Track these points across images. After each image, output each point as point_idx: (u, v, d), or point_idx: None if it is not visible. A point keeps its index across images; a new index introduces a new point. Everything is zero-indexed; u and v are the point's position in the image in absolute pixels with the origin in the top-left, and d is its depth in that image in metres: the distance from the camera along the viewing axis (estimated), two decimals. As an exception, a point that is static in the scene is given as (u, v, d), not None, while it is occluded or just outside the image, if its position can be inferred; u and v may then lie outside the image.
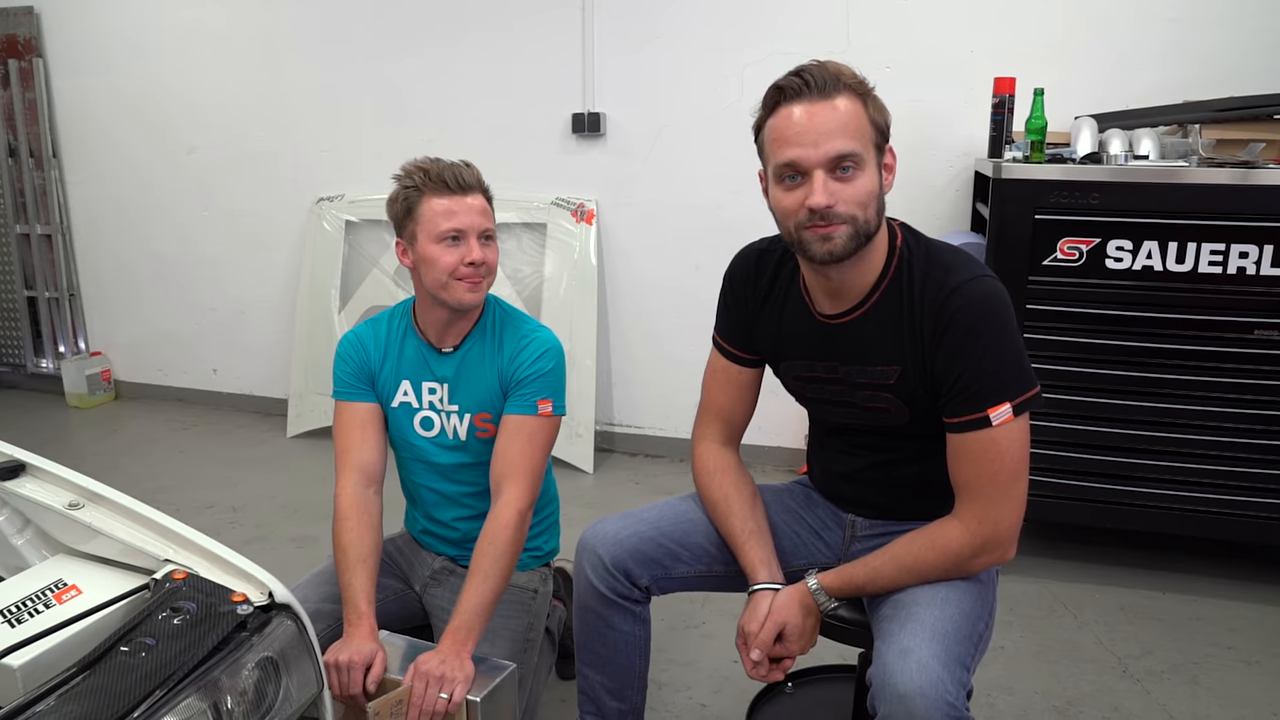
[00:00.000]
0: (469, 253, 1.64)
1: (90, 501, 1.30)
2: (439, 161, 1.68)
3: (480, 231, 1.66)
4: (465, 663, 1.50)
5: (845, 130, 1.29)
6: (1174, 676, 2.24)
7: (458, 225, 1.64)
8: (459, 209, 1.64)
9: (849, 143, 1.29)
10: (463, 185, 1.66)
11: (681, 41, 3.39)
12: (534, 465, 1.69)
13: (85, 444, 4.01)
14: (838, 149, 1.29)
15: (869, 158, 1.31)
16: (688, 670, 2.26)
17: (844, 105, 1.30)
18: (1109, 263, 2.44)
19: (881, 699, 1.23)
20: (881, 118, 1.34)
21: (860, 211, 1.31)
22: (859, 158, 1.30)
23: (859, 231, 1.32)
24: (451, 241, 1.64)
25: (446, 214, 1.64)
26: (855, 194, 1.30)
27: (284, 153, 4.00)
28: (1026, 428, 1.36)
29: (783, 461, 3.52)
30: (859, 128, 1.30)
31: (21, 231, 4.47)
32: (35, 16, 4.21)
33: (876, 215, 1.34)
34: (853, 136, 1.29)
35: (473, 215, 1.65)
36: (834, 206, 1.30)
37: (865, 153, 1.31)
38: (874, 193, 1.33)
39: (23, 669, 1.04)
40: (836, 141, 1.29)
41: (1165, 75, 2.90)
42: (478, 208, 1.67)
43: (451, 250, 1.64)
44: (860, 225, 1.32)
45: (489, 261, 1.68)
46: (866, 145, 1.31)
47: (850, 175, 1.30)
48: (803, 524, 1.65)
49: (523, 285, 3.65)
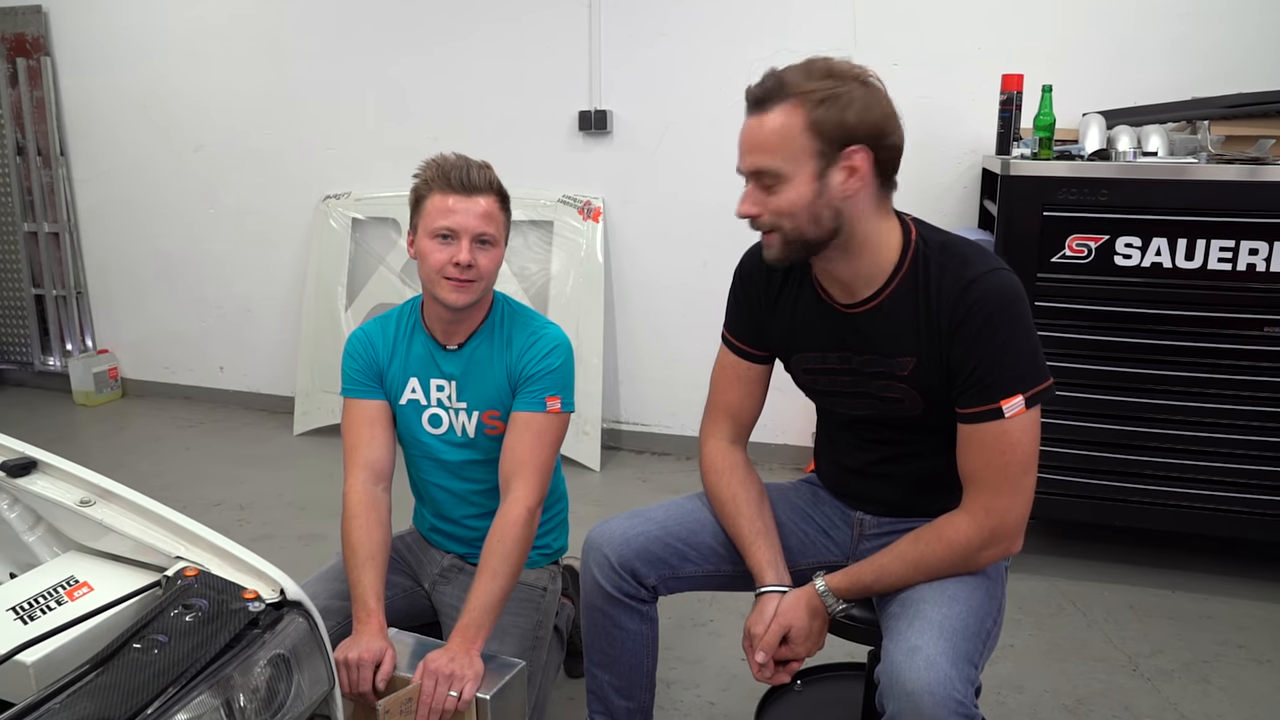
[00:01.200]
0: (457, 253, 1.62)
1: (101, 498, 1.30)
2: (458, 158, 1.67)
3: (475, 234, 1.64)
4: (474, 660, 1.50)
5: (764, 146, 1.32)
6: (1184, 675, 2.23)
7: (451, 224, 1.63)
8: (458, 209, 1.63)
9: (764, 158, 1.32)
10: (467, 185, 1.64)
11: (688, 38, 3.38)
12: (543, 462, 1.68)
13: (92, 442, 4.02)
14: (753, 164, 1.34)
15: (796, 170, 1.31)
16: (696, 668, 2.26)
17: (773, 119, 1.31)
18: (1118, 260, 2.43)
19: (889, 697, 1.24)
20: (836, 121, 1.29)
21: (786, 221, 1.34)
22: (776, 172, 1.31)
23: (789, 239, 1.35)
24: (443, 239, 1.63)
25: (444, 211, 1.63)
26: (777, 205, 1.33)
27: (290, 150, 4.00)
28: (1038, 421, 1.36)
29: (789, 459, 3.51)
30: (782, 142, 1.30)
31: (29, 229, 4.48)
32: (43, 15, 4.22)
33: (811, 223, 1.34)
34: (771, 152, 1.31)
35: (470, 217, 1.63)
36: (759, 217, 1.35)
37: (788, 166, 1.31)
38: (800, 204, 1.32)
39: (36, 666, 1.04)
40: (753, 157, 1.33)
41: (1172, 71, 2.89)
42: (478, 211, 1.64)
43: (442, 248, 1.63)
44: (789, 233, 1.34)
45: (479, 265, 1.64)
46: (793, 158, 1.31)
47: (773, 188, 1.33)
48: (810, 522, 1.65)
49: (529, 283, 3.65)
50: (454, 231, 1.63)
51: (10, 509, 1.35)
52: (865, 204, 1.36)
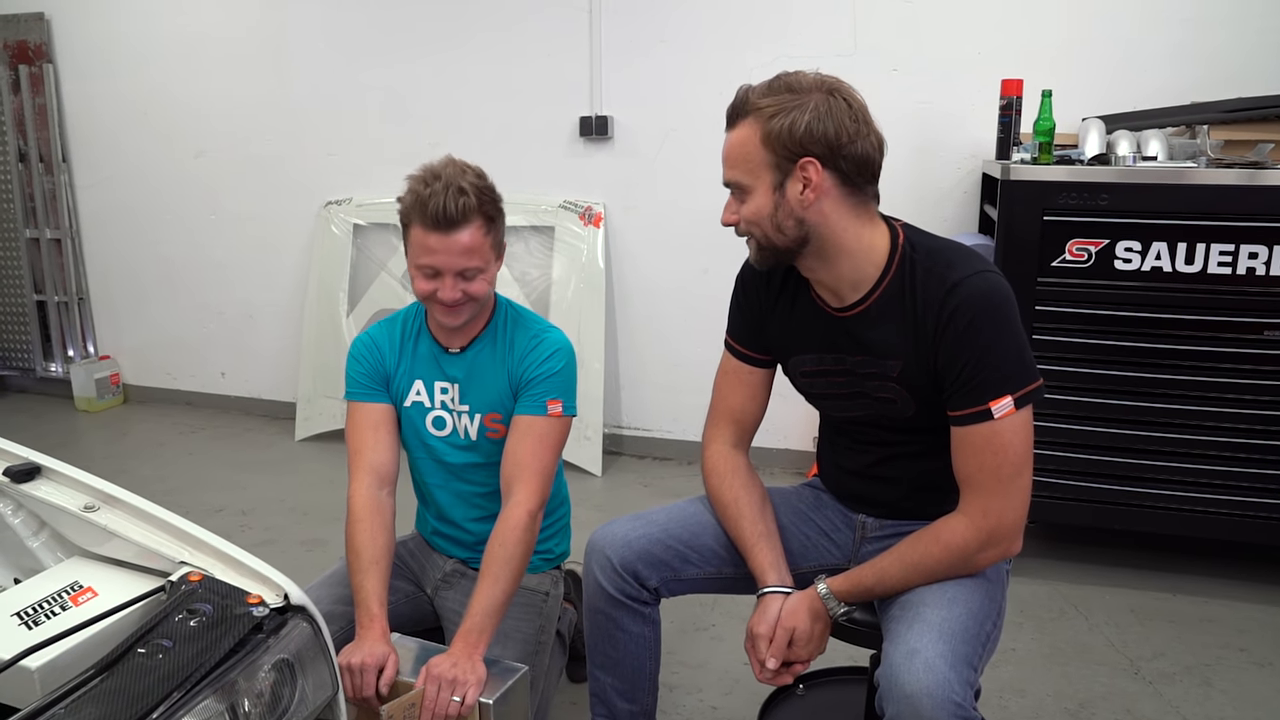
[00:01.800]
0: (441, 289, 1.62)
1: (105, 504, 1.30)
2: (439, 186, 1.58)
3: (457, 271, 1.61)
4: (477, 665, 1.50)
5: (730, 160, 1.41)
6: (1186, 678, 2.23)
7: (433, 264, 1.61)
8: (438, 248, 1.59)
9: (731, 172, 1.41)
10: (443, 222, 1.58)
11: (689, 45, 3.39)
12: (544, 466, 1.69)
13: (94, 447, 4.02)
14: (726, 176, 1.43)
15: (757, 181, 1.38)
16: (698, 672, 2.26)
17: (736, 134, 1.40)
18: (1118, 264, 2.44)
19: (889, 700, 1.24)
20: (786, 135, 1.33)
21: (755, 229, 1.41)
22: (740, 184, 1.40)
23: (763, 244, 1.42)
24: (428, 276, 1.63)
25: (425, 249, 1.61)
26: (747, 214, 1.41)
27: (291, 156, 4.01)
28: (1029, 421, 1.37)
29: (791, 464, 3.52)
30: (744, 155, 1.38)
31: (31, 236, 4.48)
32: (46, 23, 4.23)
33: (776, 230, 1.39)
34: (735, 166, 1.40)
35: (451, 255, 1.59)
36: (735, 224, 1.44)
37: (748, 179, 1.38)
38: (763, 213, 1.39)
39: (40, 671, 1.05)
40: (726, 170, 1.42)
41: (1172, 76, 2.90)
42: (459, 248, 1.59)
43: (427, 282, 1.63)
44: (761, 239, 1.41)
45: (468, 293, 1.63)
46: (752, 171, 1.38)
47: (742, 198, 1.41)
48: (812, 526, 1.65)
49: (530, 288, 3.65)
50: (437, 270, 1.62)
51: (14, 514, 1.36)
52: (834, 212, 1.38)
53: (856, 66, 3.16)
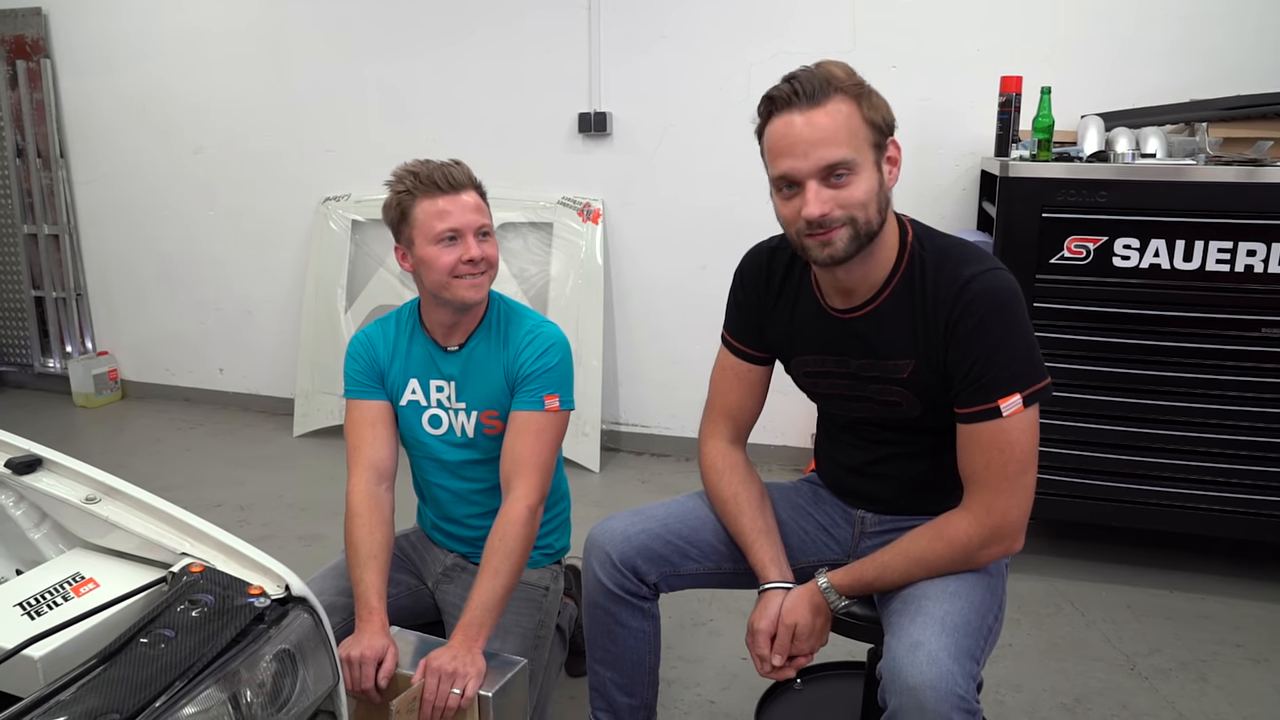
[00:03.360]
0: (467, 250, 1.64)
1: (107, 495, 1.30)
2: (428, 163, 1.68)
3: (476, 228, 1.66)
4: (477, 658, 1.51)
5: (835, 138, 1.29)
6: (1182, 674, 2.24)
7: (453, 225, 1.64)
8: (453, 208, 1.64)
9: (839, 150, 1.29)
10: (453, 184, 1.65)
11: (688, 41, 3.39)
12: (543, 461, 1.69)
13: (92, 443, 4.01)
14: (828, 158, 1.30)
15: (864, 160, 1.32)
16: (696, 667, 2.26)
17: (834, 111, 1.30)
18: (1116, 261, 2.45)
19: (891, 692, 1.24)
20: (879, 114, 1.34)
21: (860, 213, 1.32)
22: (851, 163, 1.30)
23: (859, 232, 1.34)
24: (449, 241, 1.64)
25: (440, 214, 1.64)
26: (851, 198, 1.31)
27: (290, 152, 4.01)
28: (1036, 419, 1.37)
29: (789, 460, 3.52)
30: (850, 132, 1.30)
31: (29, 231, 4.48)
32: (43, 18, 4.22)
33: (878, 213, 1.35)
34: (843, 143, 1.30)
35: (467, 213, 1.65)
36: (829, 214, 1.31)
37: (859, 156, 1.31)
38: (873, 192, 1.33)
39: (43, 660, 1.05)
40: (826, 150, 1.29)
41: (1171, 73, 2.90)
42: (471, 205, 1.66)
43: (449, 250, 1.64)
44: (860, 226, 1.33)
45: (488, 257, 1.67)
46: (861, 147, 1.31)
47: (844, 180, 1.31)
48: (811, 521, 1.66)
49: (529, 284, 3.66)
50: (457, 230, 1.64)
51: (16, 506, 1.36)
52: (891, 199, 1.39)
53: (856, 63, 3.09)
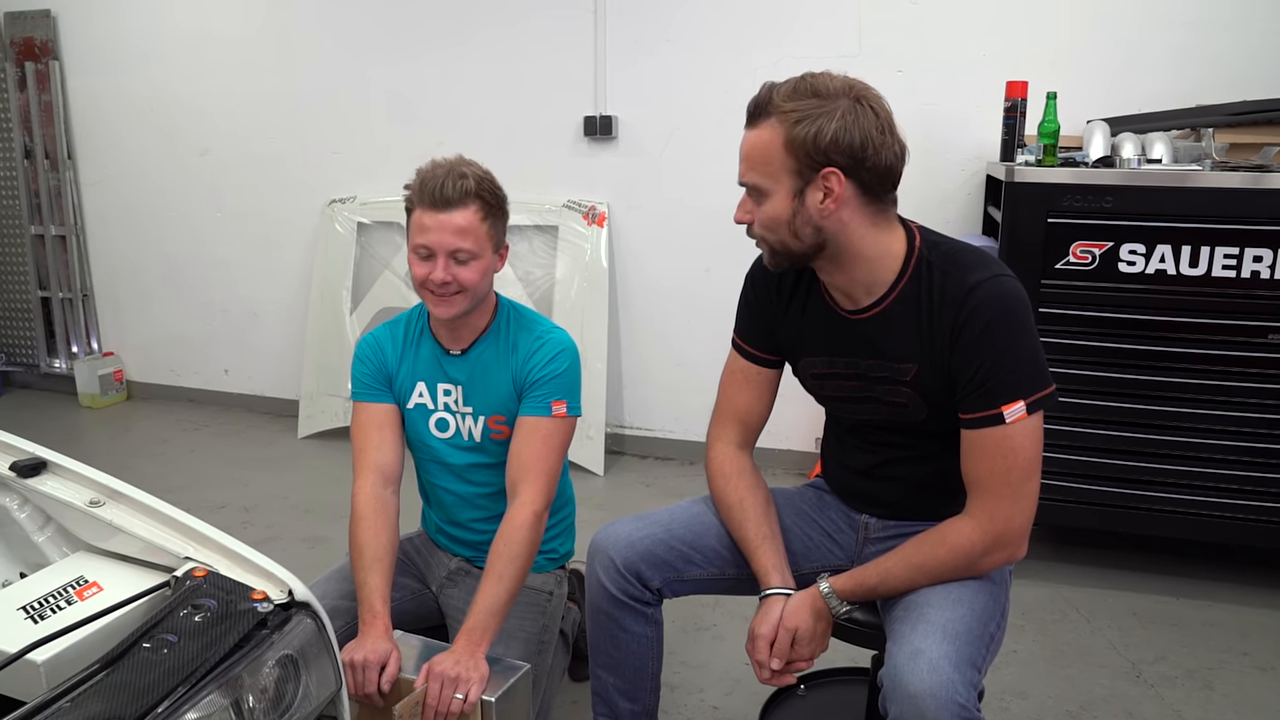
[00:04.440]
0: (434, 270, 1.62)
1: (111, 499, 1.30)
2: (437, 170, 1.64)
3: (449, 251, 1.62)
4: (480, 663, 1.50)
5: (749, 160, 1.36)
6: (1188, 682, 2.23)
7: (426, 242, 1.63)
8: (432, 226, 1.62)
9: (750, 173, 1.36)
10: (440, 201, 1.61)
11: (693, 44, 3.39)
12: (549, 466, 1.69)
13: (97, 444, 4.02)
14: (742, 177, 1.38)
15: (775, 186, 1.34)
16: (699, 673, 2.26)
17: (757, 135, 1.34)
18: (1122, 266, 2.44)
19: (892, 700, 1.24)
20: (811, 143, 1.29)
21: (769, 234, 1.37)
22: (758, 187, 1.35)
23: (775, 249, 1.39)
24: (423, 257, 1.64)
25: (420, 229, 1.63)
26: (763, 217, 1.37)
27: (295, 154, 4.02)
28: (1040, 426, 1.36)
29: (794, 465, 3.52)
30: (764, 158, 1.33)
31: (36, 232, 4.49)
32: (52, 20, 4.24)
33: (793, 237, 1.36)
34: (754, 167, 1.35)
35: (444, 234, 1.61)
36: (749, 226, 1.39)
37: (766, 182, 1.34)
38: (779, 220, 1.35)
39: (46, 665, 1.05)
40: (742, 169, 1.37)
41: (1177, 78, 2.90)
42: (452, 227, 1.61)
43: (421, 265, 1.64)
44: (775, 244, 1.38)
45: (458, 279, 1.63)
46: (772, 175, 1.33)
47: (759, 201, 1.36)
48: (815, 526, 1.65)
49: (534, 287, 3.66)
50: (430, 249, 1.63)
51: (20, 509, 1.36)
52: (852, 220, 1.36)
53: (861, 68, 3.12)
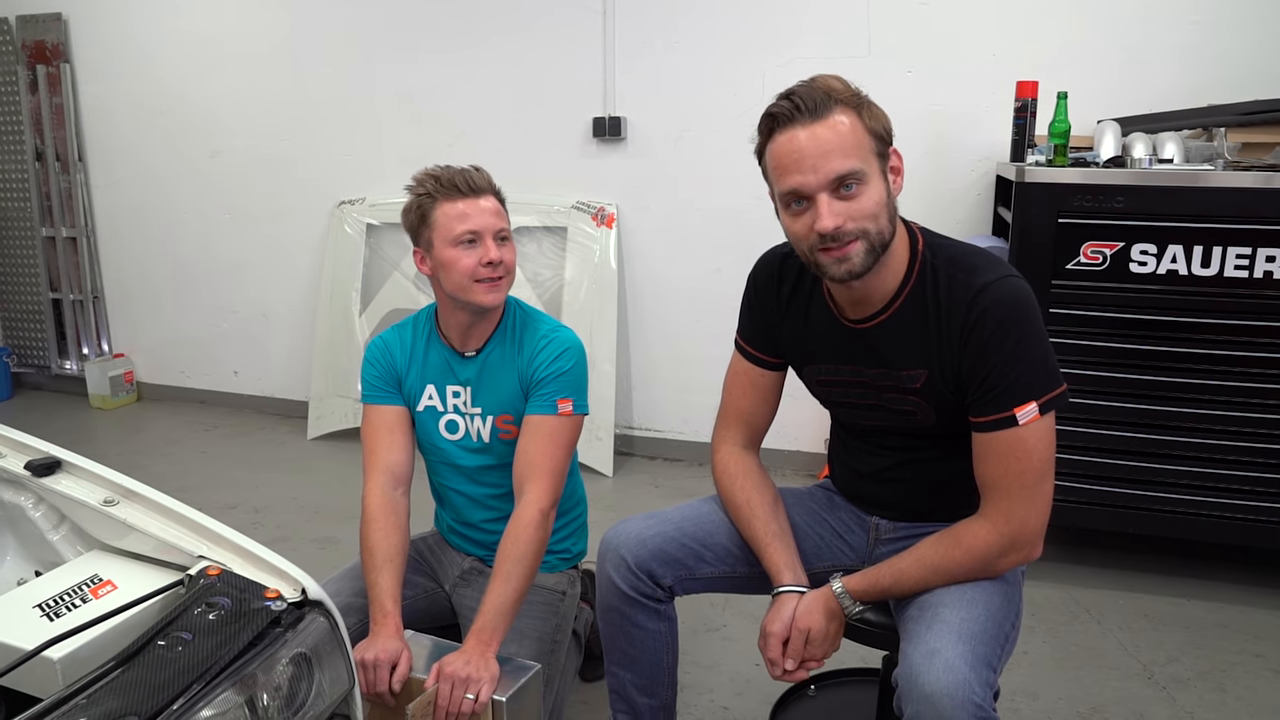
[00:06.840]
0: (486, 253, 1.66)
1: (125, 498, 1.31)
2: (449, 168, 1.70)
3: (495, 232, 1.68)
4: (490, 663, 1.51)
5: (842, 149, 1.29)
6: (1200, 684, 2.22)
7: (472, 227, 1.66)
8: (472, 211, 1.67)
9: (848, 161, 1.29)
10: (474, 188, 1.68)
11: (702, 46, 3.39)
12: (555, 465, 1.69)
13: (108, 445, 4.04)
14: (837, 170, 1.29)
15: (871, 170, 1.31)
16: (710, 673, 2.26)
17: (838, 123, 1.29)
18: (1133, 266, 2.43)
19: (908, 700, 1.24)
20: (880, 124, 1.33)
21: (871, 224, 1.32)
22: (860, 173, 1.30)
23: (873, 244, 1.33)
24: (468, 244, 1.66)
25: (461, 217, 1.66)
26: (862, 209, 1.31)
27: (305, 156, 4.03)
28: (1052, 427, 1.36)
29: (802, 465, 3.51)
30: (856, 143, 1.29)
31: (47, 234, 4.52)
32: (63, 23, 4.26)
33: (889, 223, 1.35)
34: (850, 154, 1.29)
35: (486, 216, 1.67)
36: (843, 226, 1.30)
37: (866, 166, 1.30)
38: (882, 203, 1.32)
39: (62, 662, 1.06)
40: (835, 162, 1.28)
41: (1187, 77, 2.89)
42: (490, 209, 1.69)
43: (469, 252, 1.66)
44: (874, 237, 1.32)
45: (506, 261, 1.69)
46: (867, 158, 1.31)
47: (855, 192, 1.30)
48: (825, 526, 1.65)
49: (543, 289, 3.66)
50: (476, 233, 1.66)
51: (35, 508, 1.37)
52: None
53: (871, 68, 3.17)
